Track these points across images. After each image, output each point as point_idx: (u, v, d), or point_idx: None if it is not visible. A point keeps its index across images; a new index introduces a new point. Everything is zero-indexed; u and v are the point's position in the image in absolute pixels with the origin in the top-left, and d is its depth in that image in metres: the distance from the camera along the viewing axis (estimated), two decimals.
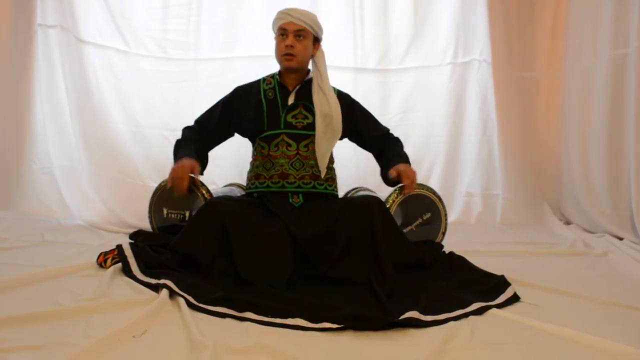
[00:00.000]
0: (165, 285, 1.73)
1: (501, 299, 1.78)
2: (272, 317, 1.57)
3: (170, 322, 1.52)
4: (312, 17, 2.27)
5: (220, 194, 2.61)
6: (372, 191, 2.85)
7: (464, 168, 3.65)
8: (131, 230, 2.68)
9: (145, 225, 2.52)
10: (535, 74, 3.68)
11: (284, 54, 2.24)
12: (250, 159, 2.45)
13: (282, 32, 2.24)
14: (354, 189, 2.87)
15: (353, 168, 3.38)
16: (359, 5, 3.55)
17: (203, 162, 2.38)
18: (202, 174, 2.36)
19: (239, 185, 2.91)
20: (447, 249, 2.34)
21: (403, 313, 1.56)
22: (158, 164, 3.26)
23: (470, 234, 3.07)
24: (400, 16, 3.60)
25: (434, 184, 3.59)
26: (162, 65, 3.39)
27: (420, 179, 3.31)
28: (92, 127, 3.14)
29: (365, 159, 2.56)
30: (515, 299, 1.81)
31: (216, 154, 2.62)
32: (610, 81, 3.07)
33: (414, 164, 2.46)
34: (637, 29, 2.82)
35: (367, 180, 3.34)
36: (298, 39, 2.22)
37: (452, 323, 1.58)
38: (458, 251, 2.31)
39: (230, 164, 3.29)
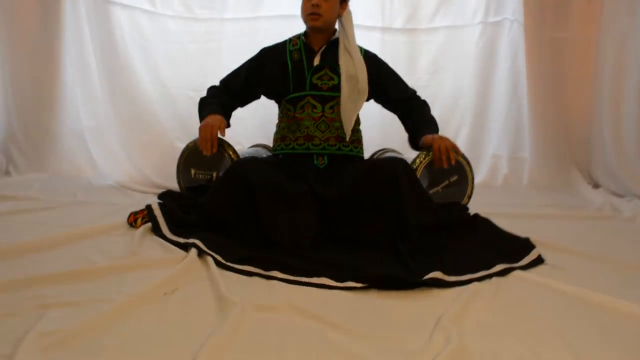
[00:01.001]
0: (194, 245, 1.77)
1: (525, 260, 1.80)
2: (298, 275, 1.61)
3: (200, 280, 1.57)
4: None
5: (247, 155, 2.65)
6: (398, 152, 2.85)
7: (491, 130, 3.60)
8: (159, 191, 2.75)
9: (173, 185, 2.57)
10: (569, 34, 3.54)
11: (309, 14, 2.21)
12: (275, 119, 2.47)
13: None
14: (380, 150, 2.87)
15: (379, 128, 3.36)
16: None
17: (228, 116, 2.40)
18: (229, 125, 2.38)
19: (264, 146, 2.93)
20: (472, 210, 2.33)
21: (427, 273, 1.58)
22: (185, 124, 3.29)
23: (496, 196, 3.05)
24: None
25: (460, 146, 3.49)
26: (189, 25, 3.38)
27: None
28: (119, 88, 3.16)
29: (391, 119, 2.54)
30: (539, 261, 1.81)
31: (242, 115, 2.64)
32: None
33: (442, 125, 2.44)
34: None
35: (393, 141, 3.30)
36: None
37: (475, 284, 1.60)
38: (483, 213, 2.31)
39: (255, 124, 3.30)
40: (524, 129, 3.51)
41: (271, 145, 2.59)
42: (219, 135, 2.20)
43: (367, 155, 2.61)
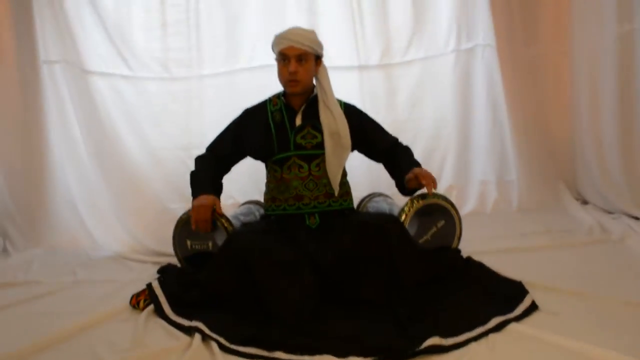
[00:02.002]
0: (196, 329, 1.81)
1: (520, 309, 1.84)
2: (300, 354, 1.65)
3: None
4: (312, 37, 2.27)
5: (239, 214, 2.70)
6: (386, 196, 2.91)
7: (476, 156, 3.65)
8: (157, 258, 2.82)
9: (169, 250, 2.60)
10: (541, 50, 3.62)
11: (288, 80, 2.26)
12: (265, 171, 2.51)
13: (283, 57, 2.25)
14: (368, 196, 2.92)
15: (365, 170, 3.40)
16: (357, 2, 3.51)
17: (218, 191, 2.44)
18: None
19: (256, 202, 2.98)
20: (463, 245, 2.41)
21: (425, 338, 1.63)
22: (176, 185, 3.33)
23: (487, 226, 3.10)
24: (399, 8, 3.57)
25: (447, 175, 3.64)
26: (168, 86, 3.43)
27: (434, 171, 3.39)
28: (107, 156, 3.19)
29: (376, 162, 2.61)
30: (533, 307, 1.86)
31: (233, 168, 2.67)
32: (617, 57, 3.03)
33: (426, 157, 2.51)
34: None
35: (381, 181, 3.37)
36: (300, 62, 2.24)
37: (472, 344, 1.65)
38: (475, 251, 2.39)
39: (247, 177, 3.35)
40: (509, 152, 3.57)
41: (262, 200, 2.64)
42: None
43: (355, 199, 2.66)
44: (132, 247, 2.98)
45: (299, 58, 2.24)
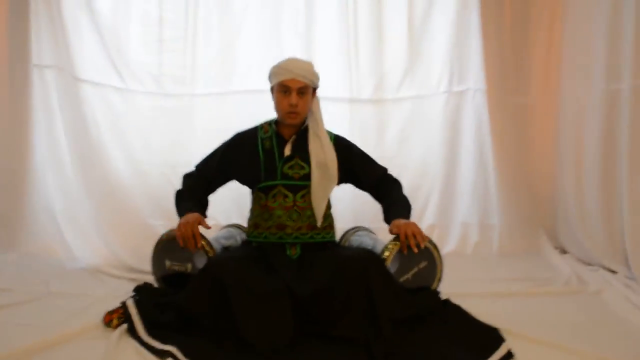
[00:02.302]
0: (170, 353, 1.78)
1: (495, 357, 1.84)
2: None
3: None
4: (312, 70, 2.30)
5: (220, 238, 2.67)
6: (370, 231, 2.91)
7: (460, 197, 3.68)
8: (134, 275, 2.78)
9: (146, 267, 2.56)
10: (529, 100, 3.70)
11: (288, 112, 2.28)
12: (249, 196, 2.51)
13: (284, 89, 2.26)
14: (352, 229, 2.91)
15: (349, 202, 3.42)
16: (354, 36, 3.57)
17: (204, 209, 2.43)
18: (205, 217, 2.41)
19: (238, 226, 2.96)
20: (443, 286, 2.40)
21: None
22: (158, 201, 3.31)
23: (466, 269, 3.10)
24: (394, 46, 3.63)
25: (430, 214, 3.66)
26: (159, 101, 3.43)
27: (417, 209, 3.41)
28: (91, 166, 3.16)
29: (361, 192, 2.61)
30: (509, 356, 1.86)
31: (218, 190, 2.65)
32: (603, 113, 3.09)
33: (410, 194, 2.50)
34: (630, 65, 2.83)
35: (365, 211, 3.39)
36: (301, 95, 2.27)
37: None
38: (454, 293, 2.39)
39: (231, 200, 3.34)
40: (492, 195, 3.61)
41: (245, 224, 2.63)
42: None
43: (339, 232, 2.66)
44: (109, 260, 2.93)
45: (300, 91, 2.26)
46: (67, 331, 1.99)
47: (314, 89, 2.35)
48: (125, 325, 2.02)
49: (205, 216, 2.39)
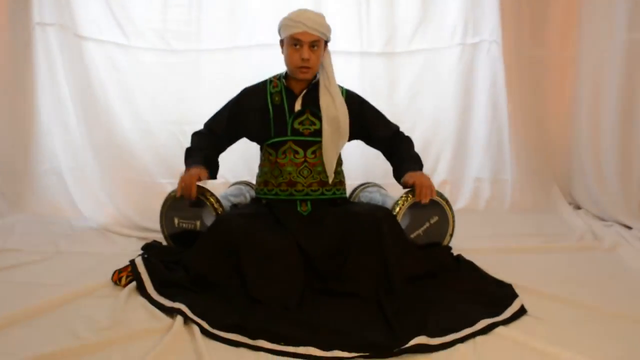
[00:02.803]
0: (179, 310, 1.77)
1: (508, 313, 1.81)
2: (284, 344, 1.61)
3: (186, 355, 1.57)
4: (324, 23, 2.20)
5: (229, 195, 2.65)
6: (380, 187, 2.86)
7: (473, 153, 3.61)
8: (142, 233, 2.77)
9: (155, 226, 2.56)
10: (547, 53, 3.56)
11: (299, 66, 2.19)
12: (258, 152, 2.46)
13: (295, 42, 2.17)
14: (361, 185, 2.88)
15: (360, 158, 3.37)
16: None
17: (213, 168, 2.39)
18: (214, 178, 2.39)
19: (247, 183, 2.93)
20: (455, 242, 2.39)
21: (412, 336, 1.60)
22: (166, 159, 3.27)
23: (478, 224, 3.06)
24: None
25: (442, 169, 3.60)
26: (164, 58, 3.35)
27: (428, 164, 3.37)
28: (97, 125, 3.12)
29: (370, 149, 2.57)
30: (522, 312, 1.83)
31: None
32: (625, 65, 2.98)
33: (422, 149, 2.46)
34: None
35: (375, 168, 3.35)
36: (312, 49, 2.18)
37: (458, 346, 1.62)
38: (466, 249, 2.36)
39: (239, 157, 3.29)
40: (505, 150, 3.53)
41: (253, 181, 2.60)
42: (199, 183, 2.20)
43: (349, 189, 2.62)
44: (117, 219, 2.91)
45: (312, 44, 2.17)
46: (76, 289, 1.99)
47: (326, 42, 2.27)
48: (134, 283, 2.01)
49: (215, 176, 2.38)
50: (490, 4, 3.42)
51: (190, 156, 2.34)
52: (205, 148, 2.38)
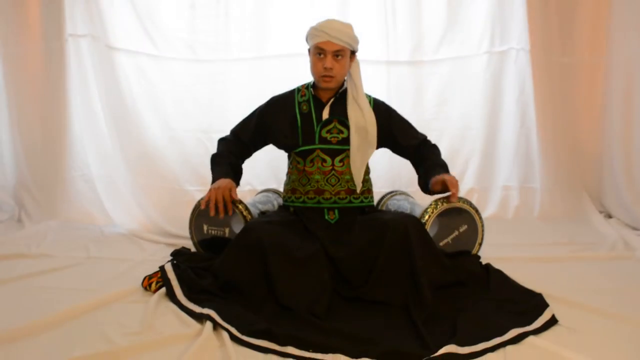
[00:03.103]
0: (208, 316, 1.78)
1: (538, 322, 1.78)
2: (313, 351, 1.61)
3: None
4: (350, 33, 2.21)
5: (257, 203, 2.67)
6: (407, 195, 2.86)
7: (501, 161, 3.58)
8: (171, 240, 2.80)
9: (185, 233, 2.59)
10: (575, 59, 3.53)
11: (322, 75, 2.21)
12: (284, 159, 2.48)
13: (319, 52, 2.20)
14: (389, 193, 2.87)
15: (387, 166, 3.38)
16: None
17: (238, 175, 2.42)
18: (238, 184, 2.40)
19: (275, 191, 2.95)
20: (483, 251, 2.36)
21: (441, 345, 1.58)
22: (194, 167, 3.32)
23: (507, 233, 3.03)
24: (433, 5, 3.50)
25: (470, 178, 3.58)
26: (193, 68, 3.41)
27: (456, 173, 3.35)
28: (127, 134, 3.19)
29: (397, 156, 2.57)
30: (553, 321, 1.80)
31: (253, 155, 2.64)
32: None
33: (449, 157, 2.46)
34: None
35: (402, 177, 3.34)
36: (336, 58, 2.20)
37: (489, 354, 1.60)
38: (495, 259, 2.34)
39: (266, 165, 3.33)
40: (534, 158, 3.50)
41: (281, 189, 2.61)
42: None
43: (376, 197, 2.62)
44: (146, 226, 2.97)
45: (335, 54, 2.19)
46: (107, 294, 2.01)
47: (353, 52, 2.28)
48: (163, 289, 2.03)
49: (238, 183, 2.39)
50: (517, 12, 3.41)
51: (217, 164, 2.37)
52: (231, 155, 2.41)
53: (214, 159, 2.40)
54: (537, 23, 3.38)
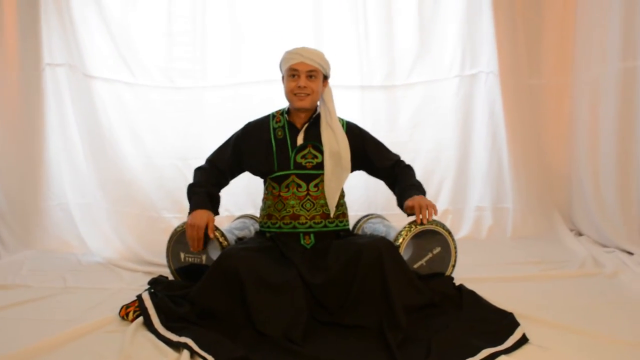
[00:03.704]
0: (186, 345, 1.80)
1: (509, 342, 1.82)
2: None
3: None
4: (322, 56, 2.30)
5: (234, 229, 2.69)
6: (383, 218, 2.90)
7: (473, 182, 3.66)
8: (149, 268, 2.81)
9: (162, 260, 2.60)
10: (543, 82, 3.65)
11: (295, 93, 2.27)
12: (261, 185, 2.51)
13: (292, 73, 2.27)
14: (365, 217, 2.91)
15: (363, 189, 3.43)
16: (363, 22, 3.54)
17: (215, 204, 2.45)
18: (217, 213, 2.43)
19: (251, 217, 2.97)
20: (457, 271, 2.41)
21: None
22: (171, 194, 3.33)
23: (481, 253, 3.10)
24: (405, 31, 3.60)
25: (444, 199, 3.64)
26: (170, 95, 3.44)
27: (430, 194, 3.37)
28: (104, 162, 3.19)
29: (374, 179, 2.62)
30: (523, 340, 1.85)
31: (231, 182, 2.68)
32: (619, 92, 3.04)
33: (424, 179, 2.51)
34: None
35: (377, 198, 3.40)
36: (310, 79, 2.27)
37: None
38: (468, 278, 2.40)
39: (243, 191, 3.36)
40: (506, 179, 3.59)
41: (257, 214, 2.64)
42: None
43: (352, 220, 2.67)
44: (124, 254, 2.96)
45: (309, 74, 2.26)
46: (85, 325, 2.01)
47: (325, 77, 2.34)
48: (141, 318, 2.04)
49: (216, 212, 2.42)
50: (486, 36, 3.52)
51: (194, 194, 2.39)
52: (208, 184, 2.44)
53: (191, 188, 2.43)
54: (505, 47, 3.49)
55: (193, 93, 3.45)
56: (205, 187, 2.41)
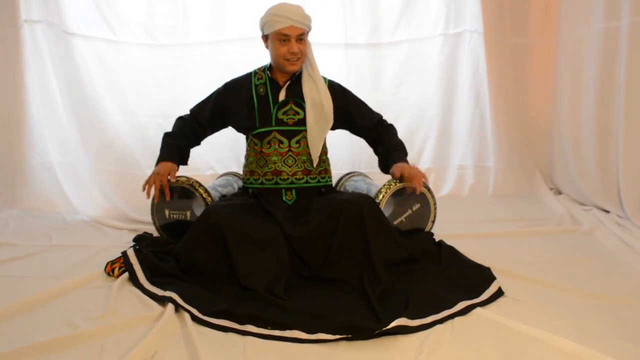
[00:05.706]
0: (170, 299, 1.84)
1: (486, 295, 1.89)
2: (271, 328, 1.68)
3: (177, 341, 1.63)
4: (306, 15, 2.29)
5: (218, 186, 2.71)
6: (365, 176, 2.93)
7: (456, 140, 3.69)
8: (134, 225, 2.83)
9: (147, 218, 2.63)
10: (527, 40, 3.64)
11: (287, 59, 2.26)
12: (245, 144, 2.53)
13: (282, 38, 2.24)
14: (347, 174, 2.94)
15: (346, 147, 3.45)
16: None
17: (183, 157, 2.50)
18: (185, 164, 2.50)
19: (235, 174, 2.99)
20: (438, 228, 2.47)
21: (393, 318, 1.67)
22: (155, 152, 3.28)
23: (462, 210, 3.16)
24: None
25: (427, 157, 3.68)
26: (152, 52, 3.41)
27: (413, 153, 3.44)
28: (87, 120, 3.17)
29: (357, 139, 2.63)
30: (499, 293, 1.91)
31: (212, 139, 2.70)
32: (601, 53, 3.04)
33: (407, 138, 2.53)
34: (629, 2, 2.79)
35: (361, 156, 3.43)
36: (299, 42, 2.26)
37: (437, 327, 1.69)
38: (448, 235, 2.45)
39: (227, 148, 3.36)
40: (488, 138, 3.62)
41: (241, 172, 2.66)
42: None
43: (335, 178, 2.69)
44: (109, 212, 2.99)
45: (299, 37, 2.25)
46: (71, 281, 2.04)
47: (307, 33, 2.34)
48: (126, 274, 2.08)
49: (185, 163, 2.47)
50: None
51: (165, 145, 2.46)
52: (182, 136, 2.48)
53: (165, 138, 2.48)
54: (490, 6, 3.47)
55: (175, 50, 3.41)
56: (177, 139, 2.45)
